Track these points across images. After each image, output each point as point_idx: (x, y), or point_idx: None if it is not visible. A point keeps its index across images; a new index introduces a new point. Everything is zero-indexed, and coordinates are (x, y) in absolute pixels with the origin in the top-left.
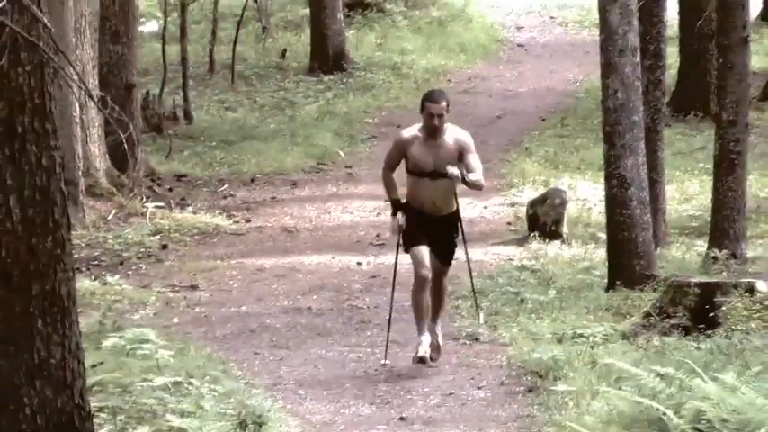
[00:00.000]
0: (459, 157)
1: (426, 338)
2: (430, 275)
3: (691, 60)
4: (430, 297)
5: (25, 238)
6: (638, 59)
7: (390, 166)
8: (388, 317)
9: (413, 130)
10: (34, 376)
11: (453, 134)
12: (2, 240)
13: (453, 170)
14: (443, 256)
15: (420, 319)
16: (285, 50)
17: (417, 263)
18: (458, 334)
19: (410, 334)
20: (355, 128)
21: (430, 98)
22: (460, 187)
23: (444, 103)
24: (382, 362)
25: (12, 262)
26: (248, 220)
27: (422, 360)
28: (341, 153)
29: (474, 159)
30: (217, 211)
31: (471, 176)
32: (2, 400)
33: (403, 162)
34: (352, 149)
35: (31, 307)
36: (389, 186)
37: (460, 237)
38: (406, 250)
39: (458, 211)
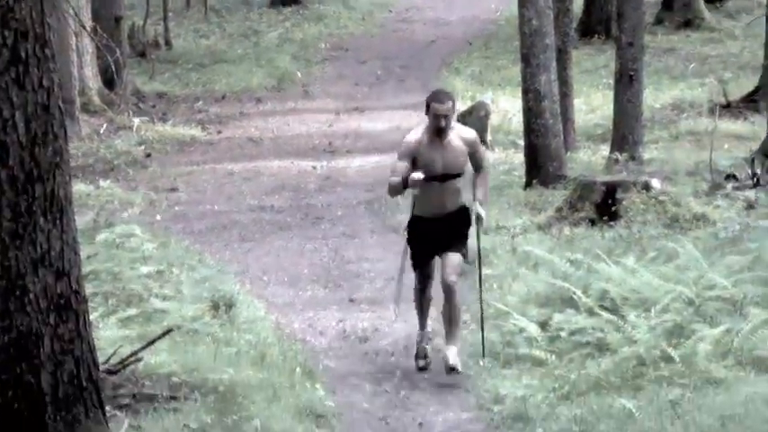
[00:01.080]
0: (469, 155)
1: (429, 331)
2: (428, 293)
3: None
4: (443, 311)
5: (29, 148)
6: None
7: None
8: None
9: (416, 134)
10: (37, 266)
11: (459, 133)
12: (9, 150)
13: (480, 211)
14: (450, 246)
15: (422, 316)
16: None
17: (419, 282)
18: (398, 226)
19: (361, 227)
20: (310, 52)
21: (436, 99)
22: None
23: (450, 104)
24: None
25: (17, 168)
26: (219, 132)
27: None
28: (298, 74)
29: (482, 156)
30: (193, 124)
31: (479, 194)
32: (10, 287)
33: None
34: (308, 71)
35: (35, 206)
36: (393, 183)
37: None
38: (414, 267)
39: (465, 206)
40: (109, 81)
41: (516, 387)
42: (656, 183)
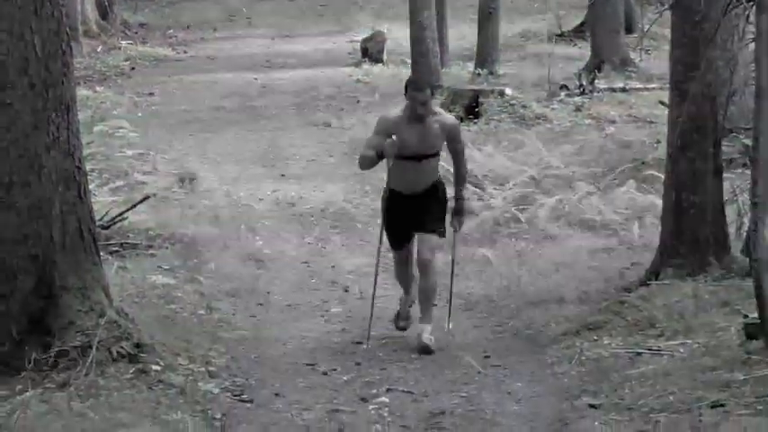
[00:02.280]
0: (445, 139)
1: (412, 296)
2: (410, 270)
3: None
4: (419, 286)
5: (44, 62)
6: None
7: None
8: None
9: (396, 112)
10: (50, 149)
11: (439, 118)
12: (29, 63)
13: (458, 225)
14: (426, 225)
15: (407, 289)
16: None
17: (398, 261)
18: (318, 122)
19: (290, 122)
20: None
21: (414, 86)
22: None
23: (428, 91)
24: (364, 346)
25: (35, 77)
26: (185, 52)
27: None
28: (244, 10)
29: (462, 147)
30: (165, 46)
31: (460, 192)
32: (30, 164)
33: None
34: (251, 7)
35: (48, 105)
36: (366, 155)
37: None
38: (392, 246)
39: (440, 180)
40: (103, 14)
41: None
42: (508, 91)
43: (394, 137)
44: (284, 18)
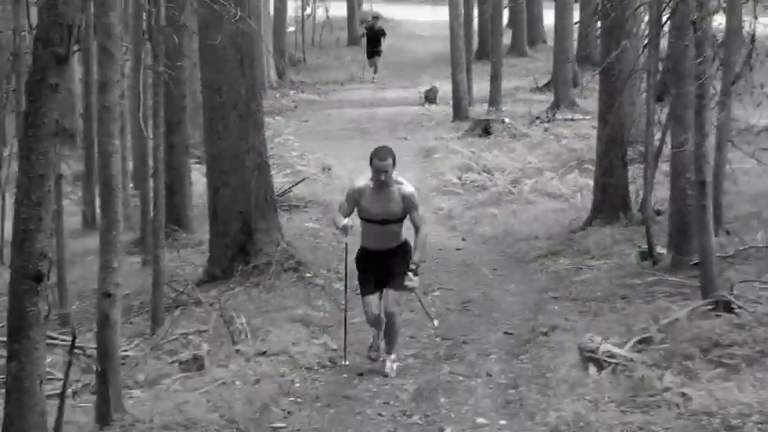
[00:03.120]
0: (405, 209)
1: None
2: (379, 315)
3: None
4: (384, 332)
5: (246, 102)
6: None
7: (343, 214)
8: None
9: (364, 180)
10: (249, 151)
11: (400, 188)
12: (238, 103)
13: (411, 283)
14: (392, 282)
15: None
16: None
17: (366, 308)
18: (399, 136)
19: (384, 137)
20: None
21: (377, 155)
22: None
23: (390, 160)
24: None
25: (242, 109)
26: (325, 97)
27: (374, 358)
28: (358, 73)
29: (418, 217)
30: (315, 94)
31: (416, 257)
32: (237, 161)
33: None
34: (364, 73)
35: (249, 125)
36: (337, 218)
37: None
38: (362, 294)
39: (406, 242)
40: (279, 75)
41: (447, 203)
42: (507, 119)
43: (348, 221)
44: (380, 77)
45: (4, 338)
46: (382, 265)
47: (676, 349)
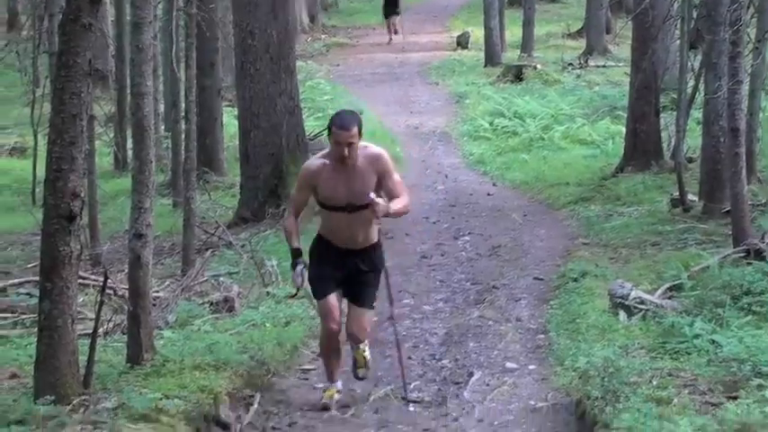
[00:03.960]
0: (378, 182)
1: (338, 384)
2: (338, 329)
3: None
4: (348, 357)
5: (278, 46)
6: None
7: (296, 210)
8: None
9: (320, 159)
10: (281, 94)
11: (367, 156)
12: (270, 46)
13: (379, 202)
14: (361, 298)
15: (330, 371)
16: None
17: (324, 314)
18: (430, 81)
19: (416, 82)
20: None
21: (337, 124)
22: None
23: (355, 129)
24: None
25: (274, 53)
26: (357, 41)
27: (325, 407)
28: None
29: (394, 183)
30: (347, 38)
31: (395, 205)
32: (269, 103)
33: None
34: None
35: (280, 70)
36: (289, 234)
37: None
38: (316, 295)
39: (379, 242)
40: (312, 19)
41: (478, 149)
42: (539, 66)
43: (300, 270)
44: (413, 23)
45: (37, 278)
46: (348, 270)
47: (707, 297)
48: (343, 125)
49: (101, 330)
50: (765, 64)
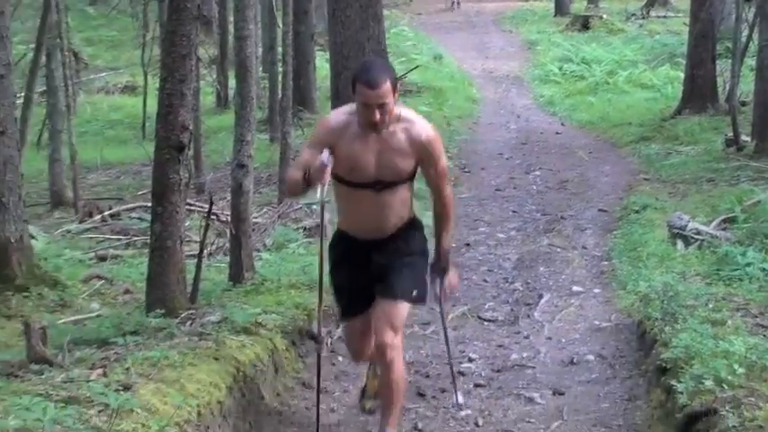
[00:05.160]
0: (417, 164)
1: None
2: (367, 353)
3: None
4: (378, 380)
5: (364, 10)
6: None
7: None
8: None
9: (346, 114)
10: (369, 39)
11: (411, 133)
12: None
13: (444, 292)
14: (399, 286)
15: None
16: None
17: (349, 340)
18: (504, 29)
19: (491, 32)
20: None
21: (363, 79)
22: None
23: (387, 85)
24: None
25: (362, 3)
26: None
27: (368, 411)
28: None
29: (438, 173)
30: (441, 5)
31: (446, 241)
32: (358, 47)
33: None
34: None
35: (367, 17)
36: (292, 178)
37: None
38: (342, 315)
39: (416, 219)
40: None
41: (548, 91)
42: (605, 16)
43: (326, 154)
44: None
45: (147, 204)
46: (378, 262)
47: (758, 228)
48: (370, 81)
49: (206, 252)
50: None
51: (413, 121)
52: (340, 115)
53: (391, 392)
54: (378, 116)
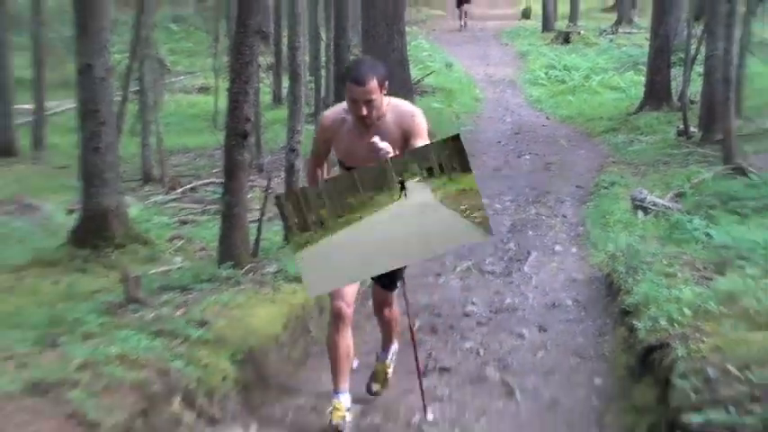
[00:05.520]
0: (404, 143)
1: (345, 399)
2: (349, 311)
3: None
4: (378, 321)
5: (393, 17)
6: None
7: (316, 161)
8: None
9: (340, 112)
10: (393, 50)
11: (397, 112)
12: (387, 16)
13: (384, 146)
14: (385, 278)
15: (336, 372)
16: None
17: (334, 293)
18: (502, 42)
19: (491, 44)
20: None
21: (351, 76)
22: None
23: (374, 83)
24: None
25: (389, 22)
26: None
27: (337, 430)
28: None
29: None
30: (454, 22)
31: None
32: (383, 57)
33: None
34: None
35: (393, 33)
36: (309, 172)
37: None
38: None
39: None
40: None
41: (536, 92)
42: (582, 31)
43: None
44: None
45: (219, 180)
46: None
47: (703, 201)
48: (357, 79)
49: (265, 218)
50: (751, 32)
51: (399, 104)
52: (333, 114)
53: (390, 328)
54: (364, 111)
